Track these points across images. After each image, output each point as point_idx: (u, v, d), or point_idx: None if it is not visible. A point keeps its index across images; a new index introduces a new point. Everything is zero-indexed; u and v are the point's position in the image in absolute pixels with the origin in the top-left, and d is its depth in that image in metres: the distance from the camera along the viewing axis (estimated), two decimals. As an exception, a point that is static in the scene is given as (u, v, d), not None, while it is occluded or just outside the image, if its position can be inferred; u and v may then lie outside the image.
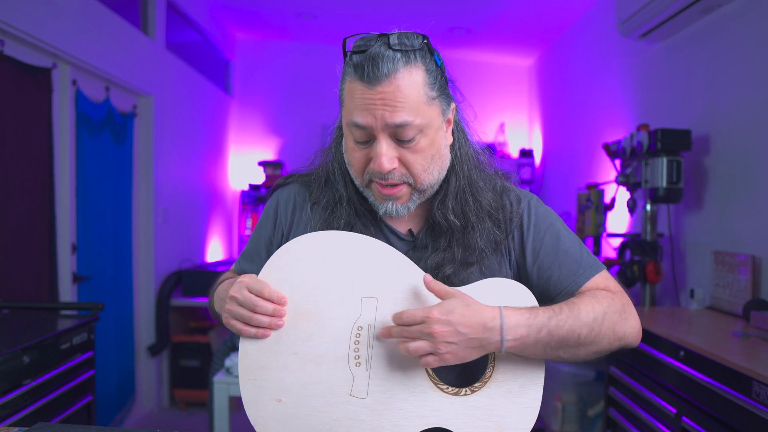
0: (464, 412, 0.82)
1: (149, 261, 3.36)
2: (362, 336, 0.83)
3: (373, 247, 0.86)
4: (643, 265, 2.51)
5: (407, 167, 0.86)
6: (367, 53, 0.83)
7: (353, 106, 0.84)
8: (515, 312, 0.81)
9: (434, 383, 0.83)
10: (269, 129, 4.96)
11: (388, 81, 0.82)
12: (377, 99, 0.82)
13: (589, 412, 2.75)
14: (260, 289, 0.82)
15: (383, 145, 0.84)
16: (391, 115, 0.82)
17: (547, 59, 4.74)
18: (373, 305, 0.83)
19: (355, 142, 0.87)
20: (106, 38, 2.76)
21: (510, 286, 0.86)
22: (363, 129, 0.84)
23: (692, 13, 2.38)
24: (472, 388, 0.84)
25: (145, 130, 3.31)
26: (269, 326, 0.83)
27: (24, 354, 1.58)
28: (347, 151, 0.91)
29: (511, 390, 0.84)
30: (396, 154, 0.85)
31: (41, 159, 2.36)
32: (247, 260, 1.05)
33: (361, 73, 0.82)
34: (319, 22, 4.37)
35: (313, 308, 0.83)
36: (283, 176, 1.06)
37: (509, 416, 0.83)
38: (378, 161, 0.84)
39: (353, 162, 0.89)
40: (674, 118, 2.66)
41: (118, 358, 3.01)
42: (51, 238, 2.40)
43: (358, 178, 0.90)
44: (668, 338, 1.80)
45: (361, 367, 0.82)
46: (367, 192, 0.91)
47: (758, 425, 1.38)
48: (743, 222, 2.20)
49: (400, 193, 0.88)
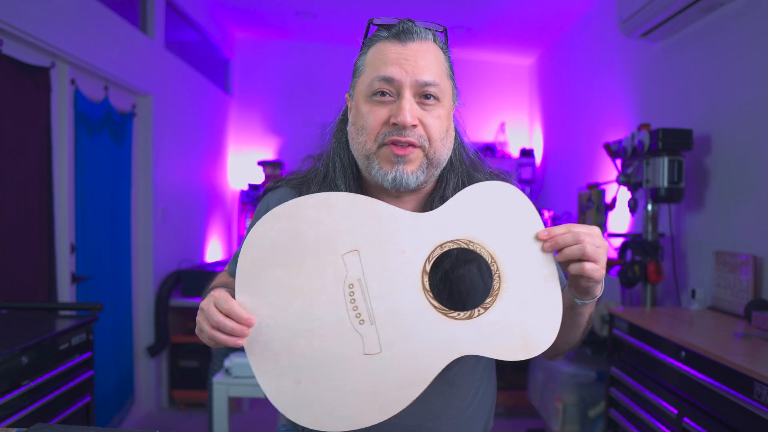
0: (484, 332, 0.80)
1: (148, 261, 3.36)
2: (356, 293, 0.80)
3: (338, 200, 0.83)
4: (644, 266, 2.50)
5: (425, 129, 0.87)
6: (399, 23, 0.89)
7: (382, 62, 0.87)
8: None
9: (444, 314, 0.81)
10: (269, 128, 4.96)
11: (419, 42, 0.88)
12: (409, 54, 0.86)
13: (590, 413, 2.74)
14: (227, 308, 0.79)
15: (409, 100, 0.86)
16: (421, 71, 0.86)
17: (547, 58, 4.73)
18: (356, 258, 0.81)
19: (374, 101, 0.87)
20: (105, 37, 2.75)
21: None
22: (390, 83, 0.86)
23: (693, 12, 2.37)
24: (483, 306, 0.81)
25: (144, 129, 3.30)
26: (227, 343, 0.79)
27: (22, 354, 1.57)
28: (361, 115, 0.89)
29: (525, 294, 0.81)
30: (418, 113, 0.86)
31: (40, 159, 2.35)
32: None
33: (395, 33, 0.88)
34: (319, 21, 4.36)
35: (298, 284, 0.81)
36: (273, 180, 1.05)
37: (531, 319, 0.80)
38: (402, 114, 0.84)
39: (368, 123, 0.88)
40: (675, 117, 2.65)
41: (116, 358, 3.00)
42: (50, 238, 2.39)
43: (369, 143, 0.88)
44: (669, 339, 1.79)
45: (366, 324, 0.80)
46: (372, 163, 0.89)
47: (760, 426, 1.37)
48: (745, 222, 2.19)
49: (413, 155, 0.87)
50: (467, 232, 0.82)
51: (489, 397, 1.02)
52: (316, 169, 1.00)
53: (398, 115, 0.85)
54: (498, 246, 0.82)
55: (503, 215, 0.82)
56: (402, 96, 0.86)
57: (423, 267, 0.81)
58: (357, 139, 0.90)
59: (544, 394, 2.96)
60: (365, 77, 0.89)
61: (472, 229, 0.82)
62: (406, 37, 0.87)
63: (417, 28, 0.88)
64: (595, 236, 0.79)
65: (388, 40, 0.88)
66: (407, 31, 0.88)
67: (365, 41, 0.93)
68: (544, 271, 0.81)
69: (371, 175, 0.90)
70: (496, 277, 0.81)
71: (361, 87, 0.90)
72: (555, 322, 0.81)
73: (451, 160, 0.95)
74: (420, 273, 0.81)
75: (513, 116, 5.15)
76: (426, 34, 0.89)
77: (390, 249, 0.81)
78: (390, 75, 0.86)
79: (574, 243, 0.79)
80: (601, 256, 0.79)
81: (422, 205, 0.96)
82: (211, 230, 4.40)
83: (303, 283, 0.81)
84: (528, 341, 0.80)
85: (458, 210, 0.82)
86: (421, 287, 0.81)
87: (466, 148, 1.01)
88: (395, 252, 0.81)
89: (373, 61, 0.89)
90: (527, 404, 3.40)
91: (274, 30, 4.70)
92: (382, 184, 0.88)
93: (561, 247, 0.79)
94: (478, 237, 0.82)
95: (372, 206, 0.83)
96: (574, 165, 4.07)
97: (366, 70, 0.90)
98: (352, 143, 0.92)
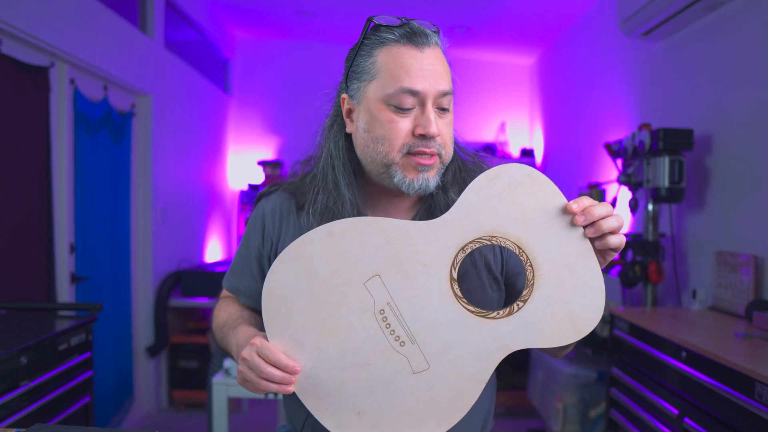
0: (528, 324, 0.78)
1: (148, 261, 3.35)
2: (389, 317, 0.79)
3: (341, 229, 0.80)
4: (644, 266, 2.50)
5: (442, 138, 0.88)
6: (409, 23, 0.87)
7: (405, 72, 0.85)
8: None
9: (482, 317, 0.78)
10: (268, 128, 4.95)
11: (433, 47, 0.87)
12: (428, 63, 0.85)
13: (591, 414, 2.74)
14: (274, 359, 0.78)
15: (433, 111, 0.86)
16: (440, 82, 0.86)
17: (548, 58, 4.73)
18: (379, 283, 0.79)
19: (397, 111, 0.86)
20: (105, 37, 2.74)
21: None
22: (415, 95, 0.85)
23: (695, 11, 2.36)
24: (521, 299, 0.78)
25: (143, 129, 3.30)
26: (279, 391, 0.80)
27: (21, 355, 1.56)
28: (380, 124, 0.87)
29: (564, 276, 0.77)
30: (440, 124, 0.87)
31: (39, 158, 2.35)
32: (236, 276, 1.04)
33: (406, 35, 0.86)
34: (318, 21, 4.36)
35: (330, 323, 0.80)
36: (266, 186, 1.05)
37: (576, 299, 0.76)
38: (430, 126, 0.85)
39: (392, 134, 0.86)
40: (676, 117, 2.65)
41: (116, 358, 2.99)
42: (49, 238, 2.39)
43: (393, 153, 0.87)
44: (670, 339, 1.79)
45: (407, 345, 0.79)
46: (393, 171, 0.88)
47: (761, 426, 1.37)
48: (746, 222, 2.18)
49: (434, 164, 0.88)
50: (486, 226, 0.77)
51: (486, 397, 1.01)
52: (311, 174, 0.99)
53: (428, 128, 0.85)
54: (522, 233, 0.77)
55: (519, 198, 0.77)
56: (426, 107, 0.85)
57: (449, 275, 0.79)
58: (375, 148, 0.88)
59: (544, 394, 2.95)
60: (381, 84, 0.86)
61: (491, 223, 0.77)
62: (420, 41, 0.86)
63: (425, 31, 0.87)
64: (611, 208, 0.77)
65: (401, 43, 0.86)
66: (420, 34, 0.86)
67: (367, 41, 0.89)
68: (578, 247, 0.76)
69: (389, 181, 0.89)
70: (528, 267, 0.77)
71: (377, 93, 0.87)
72: (600, 298, 0.77)
73: None
74: (448, 282, 0.79)
75: (513, 116, 5.14)
76: (434, 37, 0.88)
77: (411, 266, 0.79)
78: (417, 89, 0.84)
79: (608, 215, 0.75)
80: None
81: (421, 199, 0.97)
82: (210, 230, 4.39)
83: (334, 321, 0.80)
84: (576, 322, 0.77)
85: (470, 206, 0.78)
86: (453, 296, 0.79)
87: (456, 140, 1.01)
88: (417, 268, 0.79)
89: (389, 67, 0.86)
90: (527, 404, 3.39)
91: (273, 29, 4.70)
92: (406, 191, 0.88)
93: (596, 220, 0.75)
94: (499, 229, 0.77)
95: (378, 226, 0.80)
96: (574, 165, 4.06)
97: (381, 76, 0.86)
98: (365, 150, 0.90)
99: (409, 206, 0.97)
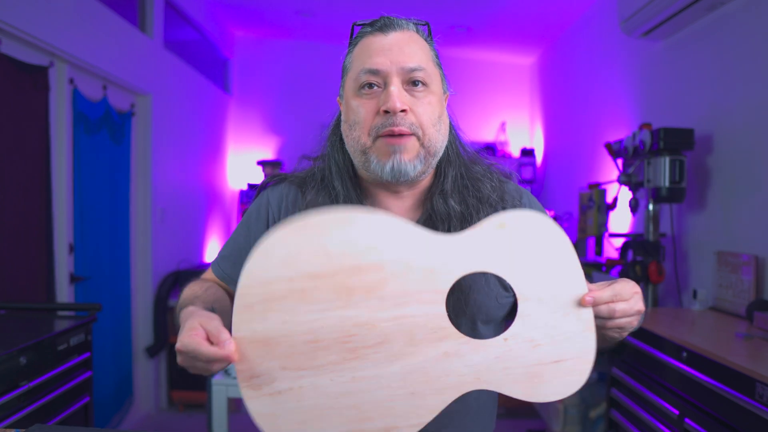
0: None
1: (147, 261, 3.35)
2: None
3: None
4: (645, 266, 2.50)
5: (417, 116, 0.86)
6: (384, 18, 0.90)
7: (366, 55, 0.87)
8: None
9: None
10: (268, 128, 4.95)
11: (402, 31, 0.89)
12: (392, 43, 0.87)
13: (591, 414, 2.73)
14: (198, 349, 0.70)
15: (397, 86, 0.85)
16: (406, 58, 0.86)
17: (548, 57, 4.73)
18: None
19: (363, 95, 0.87)
20: (104, 36, 2.74)
21: None
22: (376, 74, 0.86)
23: (695, 10, 2.36)
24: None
25: (142, 129, 3.29)
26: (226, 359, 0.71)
27: (21, 355, 1.56)
28: (352, 110, 0.88)
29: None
30: (407, 100, 0.86)
31: (38, 158, 2.34)
32: (230, 263, 0.98)
33: (376, 26, 0.89)
34: (318, 20, 4.35)
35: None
36: (270, 175, 1.03)
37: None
38: (391, 100, 0.83)
39: (360, 117, 0.87)
40: (677, 117, 2.65)
41: (115, 359, 2.99)
42: (48, 238, 2.38)
43: (363, 137, 0.87)
44: (671, 339, 1.79)
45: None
46: (369, 157, 0.87)
47: (761, 427, 1.36)
48: (746, 222, 2.18)
49: (408, 145, 0.86)
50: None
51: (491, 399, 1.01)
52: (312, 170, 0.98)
53: (387, 102, 0.84)
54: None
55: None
56: (389, 83, 0.85)
57: None
58: (351, 135, 0.89)
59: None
60: (352, 74, 0.89)
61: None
62: (387, 28, 0.88)
63: (398, 21, 0.89)
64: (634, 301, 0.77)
65: (371, 34, 0.89)
66: (388, 24, 0.89)
67: (350, 44, 0.93)
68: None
69: (369, 170, 0.88)
70: None
71: (350, 84, 0.90)
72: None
73: (448, 153, 0.94)
74: None
75: (514, 115, 5.14)
76: (407, 24, 0.90)
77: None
78: (375, 66, 0.85)
79: (623, 315, 0.77)
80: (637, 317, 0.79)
81: (421, 201, 0.94)
82: (210, 230, 4.39)
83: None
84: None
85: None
86: None
87: (462, 141, 0.99)
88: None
89: (357, 56, 0.89)
90: (528, 404, 3.39)
91: (273, 29, 4.70)
92: (381, 176, 0.87)
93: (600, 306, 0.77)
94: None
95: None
96: (575, 164, 4.06)
97: (352, 66, 0.90)
98: (346, 141, 0.91)
99: (409, 208, 0.95)
